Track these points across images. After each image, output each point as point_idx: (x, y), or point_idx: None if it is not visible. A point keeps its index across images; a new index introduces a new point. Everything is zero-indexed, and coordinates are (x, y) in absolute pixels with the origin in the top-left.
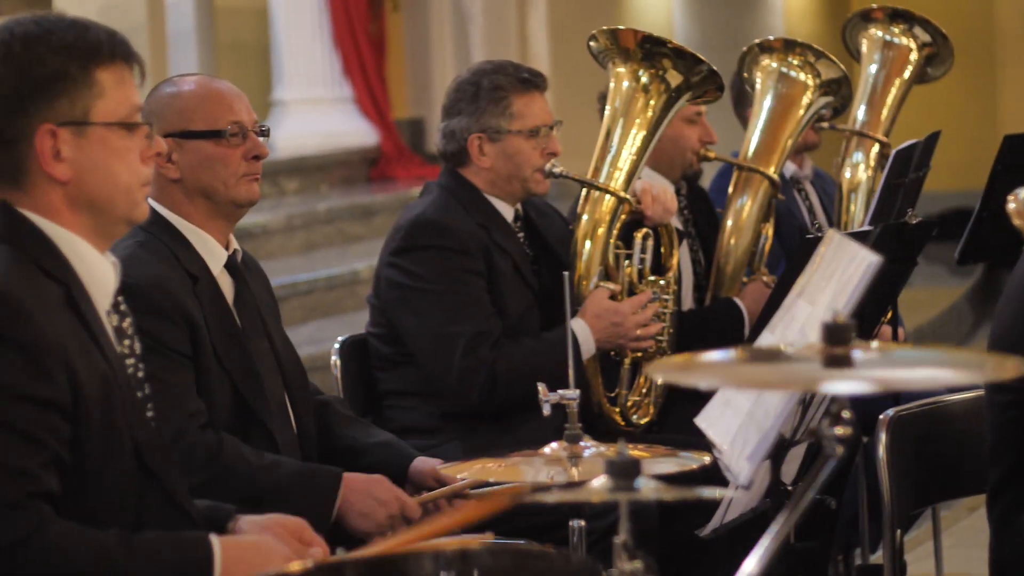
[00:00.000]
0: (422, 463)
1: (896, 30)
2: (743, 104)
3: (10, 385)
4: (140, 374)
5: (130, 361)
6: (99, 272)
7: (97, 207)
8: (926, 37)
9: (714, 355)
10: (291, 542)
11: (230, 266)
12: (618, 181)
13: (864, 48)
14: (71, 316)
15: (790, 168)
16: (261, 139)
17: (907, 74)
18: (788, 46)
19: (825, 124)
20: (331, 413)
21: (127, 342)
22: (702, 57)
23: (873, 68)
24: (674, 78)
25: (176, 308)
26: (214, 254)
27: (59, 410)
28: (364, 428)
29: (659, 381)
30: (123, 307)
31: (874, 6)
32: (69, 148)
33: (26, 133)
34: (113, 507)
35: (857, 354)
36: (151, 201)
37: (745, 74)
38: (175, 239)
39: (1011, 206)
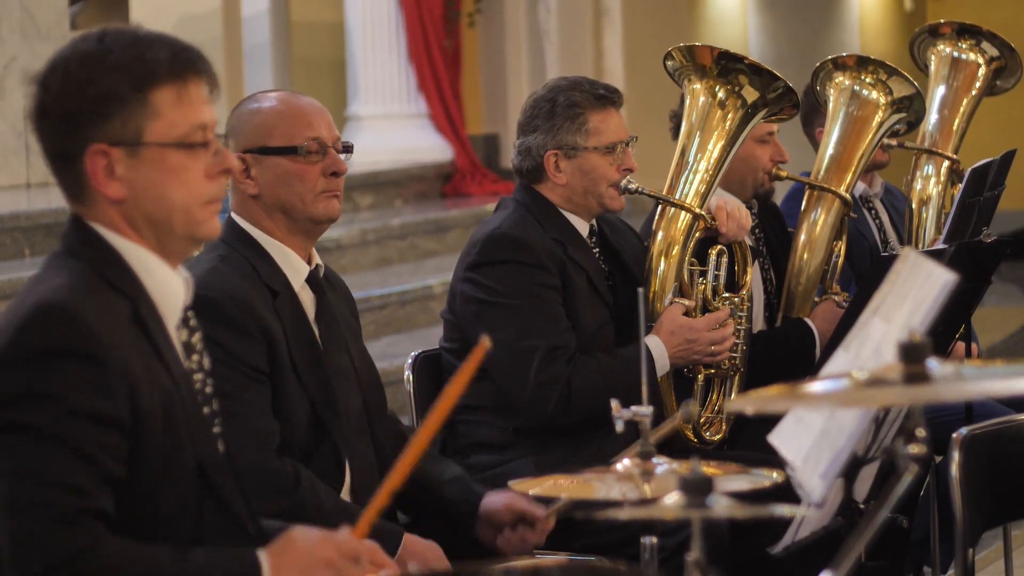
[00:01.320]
0: (492, 501)
1: (964, 45)
2: (812, 122)
3: (69, 400)
4: (208, 389)
5: (198, 376)
6: (169, 287)
7: (156, 225)
8: (994, 51)
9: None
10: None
11: (312, 281)
12: (693, 197)
13: (933, 65)
14: (136, 331)
15: (860, 187)
16: (344, 155)
17: (976, 89)
18: (861, 63)
19: (894, 142)
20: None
21: (196, 357)
22: (778, 74)
23: (942, 85)
24: (750, 94)
25: (254, 323)
26: (296, 269)
27: (117, 427)
28: (436, 463)
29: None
30: (192, 322)
31: (942, 21)
32: (123, 167)
33: (81, 151)
34: (172, 524)
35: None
36: (235, 215)
37: (818, 88)
38: (257, 253)
39: None
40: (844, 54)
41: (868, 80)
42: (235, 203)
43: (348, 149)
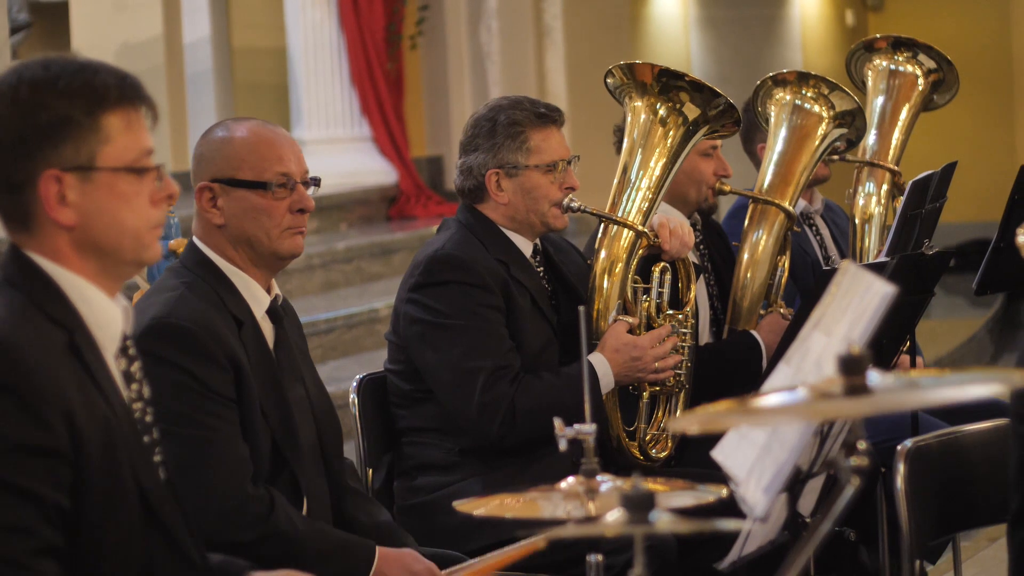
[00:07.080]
0: (389, 555)
1: (900, 58)
2: (752, 139)
3: (5, 437)
4: (148, 418)
5: (137, 405)
6: (106, 317)
7: (104, 251)
8: (931, 64)
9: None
10: None
11: (272, 311)
12: (636, 215)
13: (870, 80)
14: (73, 362)
15: (800, 204)
16: (311, 189)
17: (914, 101)
18: (802, 78)
19: (835, 157)
20: (344, 491)
21: (135, 386)
22: (719, 91)
23: (880, 97)
24: (691, 111)
25: (224, 352)
26: (258, 299)
27: (58, 457)
28: (367, 508)
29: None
30: (132, 351)
31: (877, 36)
32: (75, 193)
33: (31, 178)
34: (118, 556)
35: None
36: (198, 242)
37: (759, 108)
38: (221, 283)
39: (1020, 239)
40: (785, 71)
41: (809, 95)
42: (199, 229)
43: (316, 182)
